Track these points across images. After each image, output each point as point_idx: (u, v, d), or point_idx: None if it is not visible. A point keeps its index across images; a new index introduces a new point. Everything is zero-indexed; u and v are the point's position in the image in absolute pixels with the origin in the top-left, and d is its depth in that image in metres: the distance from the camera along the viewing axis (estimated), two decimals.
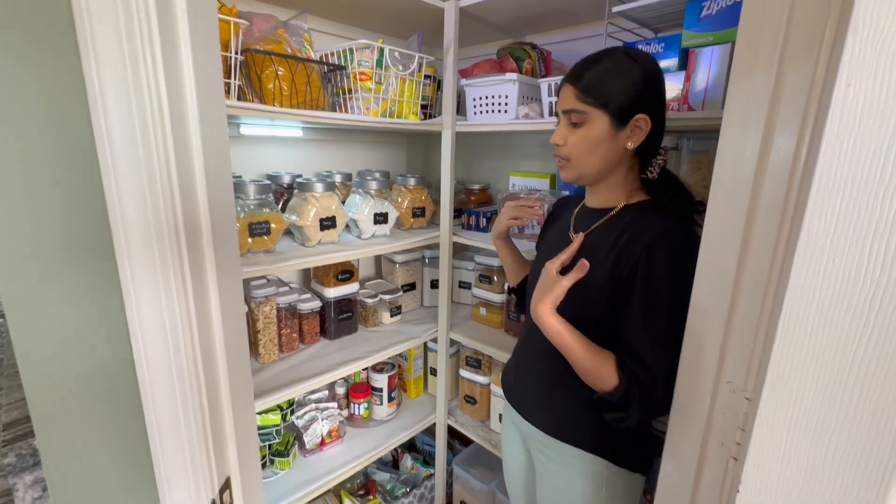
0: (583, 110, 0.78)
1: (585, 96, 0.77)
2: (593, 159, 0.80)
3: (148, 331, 0.53)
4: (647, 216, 0.79)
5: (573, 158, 0.82)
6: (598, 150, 0.79)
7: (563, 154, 0.83)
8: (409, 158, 1.90)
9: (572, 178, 0.85)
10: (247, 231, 1.03)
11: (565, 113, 0.81)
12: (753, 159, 0.49)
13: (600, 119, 0.77)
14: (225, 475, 0.61)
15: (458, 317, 1.62)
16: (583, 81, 0.77)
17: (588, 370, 0.77)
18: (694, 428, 0.58)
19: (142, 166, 0.49)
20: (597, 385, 0.77)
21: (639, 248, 0.74)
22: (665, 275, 0.72)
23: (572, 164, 0.83)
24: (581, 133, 0.79)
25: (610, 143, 0.78)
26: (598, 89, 0.76)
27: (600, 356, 0.76)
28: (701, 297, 0.57)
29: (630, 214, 0.82)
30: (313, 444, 1.38)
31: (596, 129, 0.77)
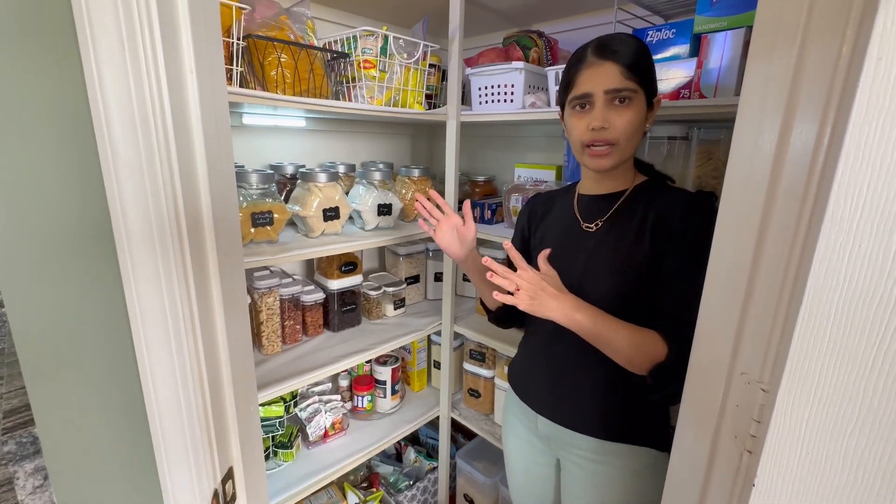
0: (633, 88, 0.74)
1: (632, 74, 0.73)
2: (636, 141, 0.79)
3: (148, 322, 0.52)
4: (664, 193, 0.81)
5: (622, 142, 0.76)
6: (640, 131, 0.78)
7: (609, 138, 0.75)
8: (413, 150, 1.88)
9: (613, 164, 0.78)
10: (249, 221, 1.02)
11: (609, 93, 0.74)
12: (772, 143, 0.47)
13: (641, 100, 0.76)
14: (227, 465, 0.60)
15: (462, 310, 1.61)
16: (626, 58, 0.73)
17: (632, 351, 0.74)
18: (705, 420, 0.57)
19: (141, 152, 0.48)
20: (645, 362, 0.74)
21: (677, 218, 0.76)
22: (700, 239, 0.72)
23: (619, 149, 0.76)
24: (631, 114, 0.74)
25: (642, 126, 0.78)
26: (639, 67, 0.74)
27: (644, 334, 0.75)
28: (714, 285, 0.55)
29: (644, 194, 0.82)
30: (317, 436, 1.37)
31: (640, 109, 0.76)
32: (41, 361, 0.54)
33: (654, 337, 0.74)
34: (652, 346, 0.74)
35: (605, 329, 0.74)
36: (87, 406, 0.57)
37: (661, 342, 0.74)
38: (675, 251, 0.75)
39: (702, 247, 0.72)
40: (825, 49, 0.42)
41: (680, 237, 0.75)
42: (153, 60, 0.45)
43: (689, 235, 0.75)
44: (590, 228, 0.86)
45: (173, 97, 0.46)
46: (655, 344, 0.73)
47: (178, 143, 0.47)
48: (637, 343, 0.74)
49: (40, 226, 0.52)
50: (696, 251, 0.73)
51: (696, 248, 0.74)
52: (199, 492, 0.56)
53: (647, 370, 0.75)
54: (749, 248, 0.50)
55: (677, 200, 0.78)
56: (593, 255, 0.83)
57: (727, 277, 0.53)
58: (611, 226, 0.83)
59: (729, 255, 0.53)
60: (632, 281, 0.79)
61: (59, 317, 0.54)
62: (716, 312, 0.55)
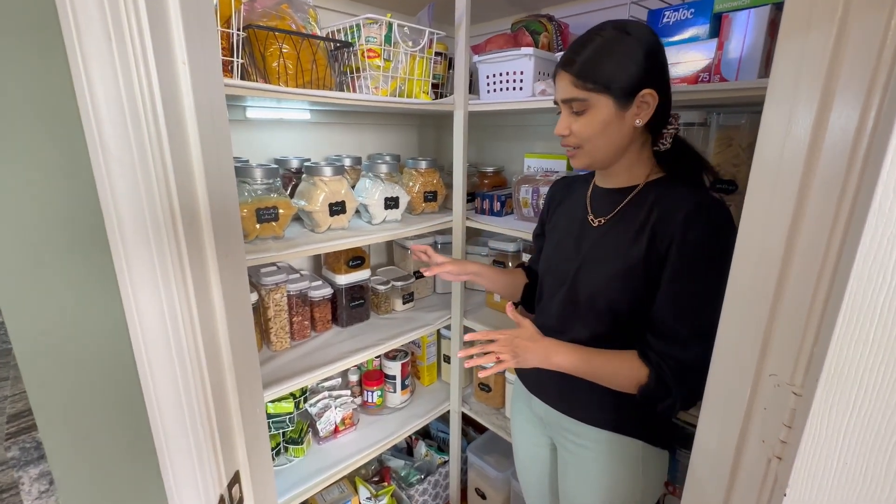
0: (583, 98, 0.73)
1: (584, 82, 0.72)
2: (603, 143, 0.76)
3: (146, 324, 0.50)
4: (675, 191, 0.76)
5: (583, 145, 0.78)
6: (607, 133, 0.75)
7: (572, 143, 0.79)
8: (420, 141, 1.84)
9: (584, 164, 0.81)
10: (254, 217, 1.00)
11: (565, 102, 0.76)
12: (807, 129, 0.43)
13: (603, 103, 0.73)
14: (234, 469, 0.59)
15: (472, 303, 1.59)
16: (576, 67, 0.73)
17: (616, 381, 0.77)
18: (730, 423, 0.54)
19: (133, 148, 0.45)
20: (631, 386, 0.77)
21: (676, 222, 0.72)
22: (703, 246, 0.70)
23: (583, 151, 0.79)
24: (585, 120, 0.75)
25: (618, 124, 0.74)
26: (595, 72, 0.71)
27: (623, 359, 0.77)
28: (740, 282, 0.52)
29: (654, 192, 0.78)
30: (327, 432, 1.37)
31: (600, 113, 0.73)
32: (40, 365, 0.53)
33: (633, 360, 0.76)
34: (632, 370, 0.76)
35: (584, 366, 0.77)
36: (90, 411, 0.56)
37: (640, 366, 0.75)
38: (674, 257, 0.72)
39: (700, 256, 0.71)
40: (869, 23, 0.38)
41: (679, 243, 0.71)
42: (142, 52, 0.43)
43: (689, 243, 0.70)
44: (597, 222, 0.84)
45: (165, 90, 0.44)
46: (634, 367, 0.76)
47: (172, 137, 0.45)
48: (617, 371, 0.77)
49: (31, 227, 0.50)
50: (695, 260, 0.71)
51: (695, 256, 0.71)
52: (206, 497, 0.54)
53: (635, 391, 0.77)
54: (779, 241, 0.46)
55: (681, 202, 0.72)
56: (593, 249, 0.83)
57: (754, 273, 0.50)
58: (615, 222, 0.81)
59: (757, 248, 0.49)
60: (624, 281, 0.77)
61: (55, 320, 0.52)
62: (741, 310, 0.51)
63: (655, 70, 0.72)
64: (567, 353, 0.77)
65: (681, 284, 0.72)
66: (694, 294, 0.71)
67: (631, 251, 0.76)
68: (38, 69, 0.46)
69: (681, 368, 0.71)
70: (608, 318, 0.80)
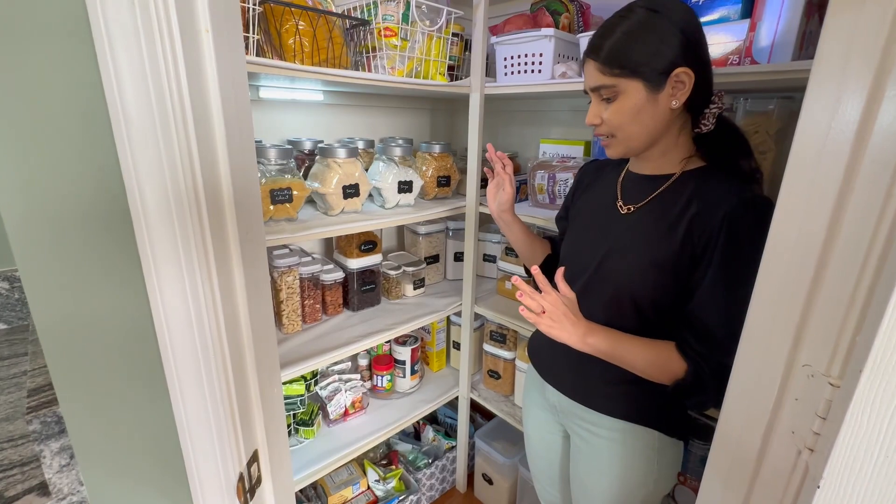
0: (611, 84, 0.70)
1: (611, 68, 0.70)
2: (638, 129, 0.73)
3: (168, 301, 0.50)
4: (717, 183, 0.72)
5: (616, 133, 0.75)
6: (641, 118, 0.71)
7: (604, 132, 0.76)
8: (434, 125, 1.82)
9: (621, 153, 0.78)
10: (269, 198, 0.99)
11: (594, 90, 0.74)
12: (856, 113, 0.41)
13: (634, 88, 0.70)
14: (252, 448, 0.59)
15: (483, 290, 1.58)
16: (602, 53, 0.70)
17: (650, 369, 0.75)
18: (756, 413, 0.53)
19: (156, 119, 0.44)
20: (664, 378, 0.75)
21: (717, 218, 0.68)
22: (747, 246, 0.67)
23: (617, 140, 0.76)
24: (616, 107, 0.72)
25: (652, 109, 0.71)
26: (623, 57, 0.68)
27: (660, 350, 0.74)
28: (773, 271, 0.50)
29: (693, 182, 0.74)
30: (337, 415, 1.38)
31: (631, 99, 0.70)
32: (62, 342, 0.53)
33: (670, 353, 0.74)
34: (669, 362, 0.73)
35: (619, 352, 0.75)
36: (110, 387, 0.56)
37: (678, 360, 0.73)
38: (717, 258, 0.69)
39: (742, 254, 0.67)
40: None
41: (718, 241, 0.68)
42: (165, 18, 0.41)
43: (731, 241, 0.68)
44: (626, 209, 0.81)
45: (188, 58, 0.43)
46: (672, 360, 0.73)
47: (195, 108, 0.44)
48: (653, 361, 0.75)
49: (55, 202, 0.49)
50: (737, 259, 0.68)
51: (740, 259, 0.68)
52: (225, 475, 0.54)
53: (668, 383, 0.75)
54: (820, 228, 0.44)
55: (725, 198, 0.69)
56: (620, 238, 0.80)
57: (791, 260, 0.48)
58: (647, 210, 0.78)
59: (794, 235, 0.47)
60: (651, 273, 0.75)
61: (77, 297, 0.52)
62: (775, 298, 0.50)
63: (690, 47, 0.68)
64: (604, 336, 0.74)
65: (726, 288, 0.69)
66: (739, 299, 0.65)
67: (662, 244, 0.74)
68: (61, 36, 0.45)
69: (722, 371, 0.67)
70: (630, 309, 0.78)
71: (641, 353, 0.75)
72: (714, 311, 0.70)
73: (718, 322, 0.69)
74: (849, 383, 0.40)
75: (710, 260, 0.70)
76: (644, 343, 0.75)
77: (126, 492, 0.61)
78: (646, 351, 0.75)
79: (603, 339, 0.74)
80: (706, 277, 0.70)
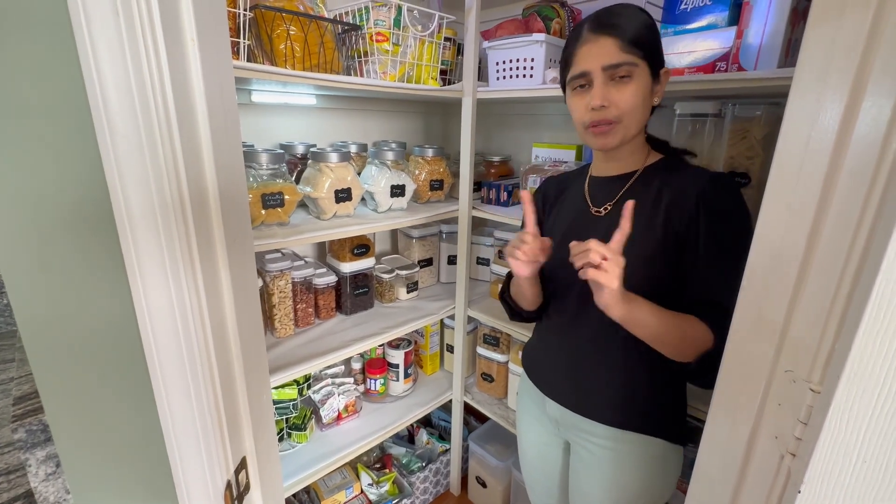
0: (632, 62, 0.70)
1: (632, 47, 0.70)
2: (641, 115, 0.74)
3: (154, 307, 0.50)
4: (680, 171, 0.77)
5: (625, 118, 0.72)
6: (643, 104, 0.73)
7: (611, 116, 0.72)
8: (427, 129, 1.82)
9: (618, 142, 0.75)
10: (260, 203, 0.99)
11: (607, 69, 0.71)
12: (835, 119, 0.42)
13: (644, 72, 0.72)
14: (240, 455, 0.59)
15: (476, 293, 1.58)
16: (627, 32, 0.70)
17: (681, 344, 0.71)
18: (741, 417, 0.53)
19: (140, 126, 0.44)
20: (691, 351, 0.71)
21: (691, 200, 0.71)
22: (730, 217, 0.70)
23: (622, 125, 0.73)
24: (632, 88, 0.71)
25: (649, 99, 0.74)
26: (641, 38, 0.70)
27: (690, 325, 0.71)
28: (756, 275, 0.51)
29: (657, 174, 0.78)
30: (330, 419, 1.38)
31: (643, 82, 0.72)
32: (47, 348, 0.53)
33: (698, 325, 0.71)
34: (699, 335, 0.70)
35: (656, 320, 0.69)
36: (96, 394, 0.56)
37: (705, 330, 0.70)
38: (697, 236, 0.71)
39: (727, 227, 0.70)
40: None
41: (699, 220, 0.71)
42: (150, 28, 0.41)
43: (711, 218, 0.71)
44: (599, 213, 0.82)
45: (173, 68, 0.43)
46: (700, 332, 0.70)
47: (180, 117, 0.44)
48: (685, 336, 0.71)
49: (38, 209, 0.49)
50: (722, 233, 0.70)
51: (721, 229, 0.70)
52: (212, 482, 0.54)
53: (694, 358, 0.72)
54: (801, 235, 0.45)
55: (693, 180, 0.73)
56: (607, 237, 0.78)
57: (772, 267, 0.49)
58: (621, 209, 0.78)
59: (776, 241, 0.48)
60: (644, 267, 0.75)
61: (62, 304, 0.52)
62: (757, 304, 0.51)
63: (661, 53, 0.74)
64: (645, 305, 0.69)
65: (723, 260, 0.69)
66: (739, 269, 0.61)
67: (646, 237, 0.74)
68: (44, 45, 0.45)
69: None
70: None
71: (679, 325, 0.70)
72: (719, 285, 0.70)
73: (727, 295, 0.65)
74: (828, 389, 0.41)
75: (695, 240, 0.71)
76: (679, 316, 0.71)
77: (113, 500, 0.61)
78: (681, 324, 0.70)
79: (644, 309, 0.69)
80: (701, 257, 0.71)
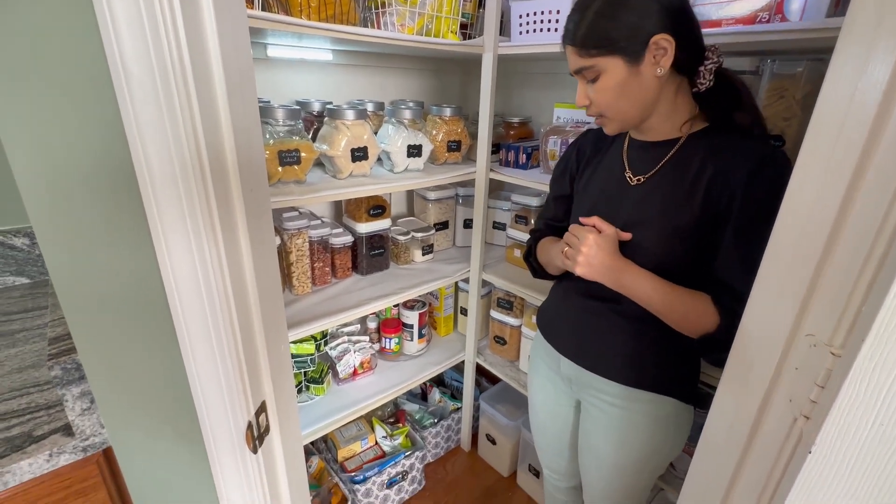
0: (591, 65, 0.70)
1: (587, 50, 0.69)
2: (626, 104, 0.72)
3: (175, 258, 0.51)
4: (729, 143, 0.71)
5: (607, 112, 0.75)
6: (627, 93, 0.71)
7: (595, 112, 0.77)
8: (445, 88, 1.77)
9: (617, 129, 0.78)
10: (276, 160, 0.99)
11: (576, 73, 0.74)
12: (884, 75, 0.39)
13: (612, 64, 0.69)
14: (260, 399, 0.61)
15: (491, 258, 1.58)
16: (576, 37, 0.70)
17: (683, 321, 0.74)
18: (756, 379, 0.53)
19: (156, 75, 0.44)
20: (693, 330, 0.74)
21: (737, 180, 0.68)
22: (767, 205, 0.66)
23: (609, 118, 0.76)
24: (599, 86, 0.72)
25: (636, 81, 0.70)
26: (597, 37, 0.68)
27: (696, 302, 0.73)
28: (784, 239, 0.49)
29: (703, 145, 0.73)
30: (346, 374, 1.42)
31: (613, 76, 0.69)
32: (77, 297, 0.55)
33: (705, 306, 0.72)
34: (704, 315, 0.72)
35: (656, 296, 0.74)
36: (125, 338, 0.59)
37: (712, 313, 0.72)
38: (735, 215, 0.69)
39: (765, 214, 0.66)
40: None
41: (742, 200, 0.68)
42: None
43: (754, 199, 0.67)
44: (637, 180, 0.79)
45: (186, 12, 0.41)
46: (707, 313, 0.72)
47: (194, 62, 0.43)
48: (687, 313, 0.73)
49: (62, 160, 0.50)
50: (761, 217, 0.67)
51: (761, 213, 0.67)
52: (235, 424, 0.57)
53: (696, 336, 0.74)
54: (836, 196, 0.43)
55: (743, 156, 0.68)
56: (636, 210, 0.78)
57: (802, 228, 0.47)
58: (660, 179, 0.76)
59: (808, 202, 0.46)
60: (674, 242, 0.74)
61: (88, 254, 0.54)
62: (783, 268, 0.49)
63: (663, 10, 0.66)
64: (641, 279, 0.74)
65: (748, 245, 0.68)
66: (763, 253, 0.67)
67: (682, 211, 0.72)
68: None
69: None
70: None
71: (682, 301, 0.73)
72: (739, 270, 0.69)
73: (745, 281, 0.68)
74: (850, 353, 0.40)
75: (731, 219, 0.69)
76: (683, 292, 0.73)
77: (144, 435, 0.65)
78: (685, 300, 0.73)
79: (640, 281, 0.74)
80: (730, 237, 0.70)
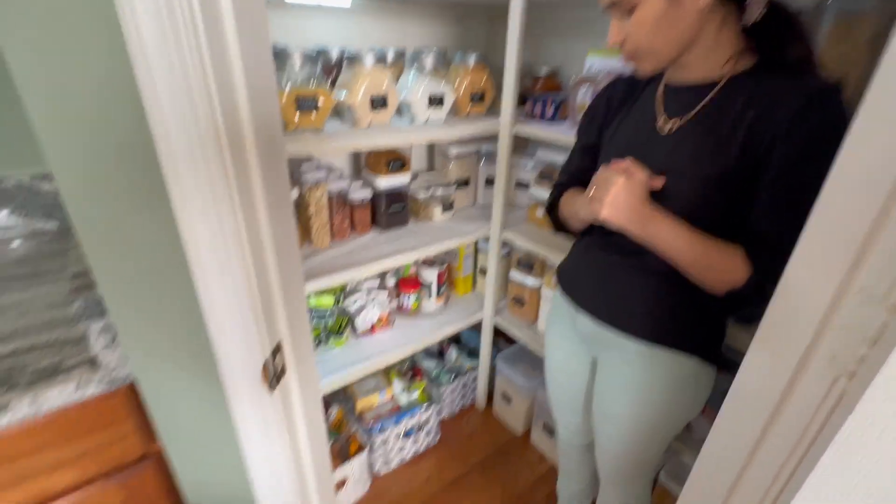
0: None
1: None
2: (663, 39, 0.65)
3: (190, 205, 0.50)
4: (774, 83, 0.64)
5: (641, 48, 0.68)
6: (664, 26, 0.64)
7: (630, 48, 0.69)
8: (468, 35, 1.68)
9: (651, 69, 0.71)
10: (293, 105, 0.96)
11: (610, 7, 0.67)
12: None
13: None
14: (276, 339, 0.62)
15: (513, 218, 1.54)
16: None
17: (709, 275, 0.69)
18: (795, 336, 0.49)
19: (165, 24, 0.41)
20: (719, 285, 0.70)
21: (782, 121, 0.61)
22: (814, 149, 0.60)
23: (644, 55, 0.69)
24: (636, 19, 0.65)
25: (675, 12, 0.62)
26: None
27: (723, 256, 0.68)
28: (843, 185, 0.44)
29: (746, 86, 0.66)
30: (364, 328, 1.44)
31: (650, 7, 0.62)
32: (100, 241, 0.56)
33: (736, 259, 0.67)
34: (731, 269, 0.67)
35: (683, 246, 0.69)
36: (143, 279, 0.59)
37: (742, 267, 0.66)
38: (777, 161, 0.62)
39: (814, 159, 0.59)
40: None
41: (786, 143, 0.61)
42: None
43: (800, 145, 0.61)
44: (669, 126, 0.73)
45: None
46: (735, 268, 0.67)
47: (206, 19, 0.40)
48: (713, 266, 0.68)
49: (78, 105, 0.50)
50: (807, 165, 0.61)
51: (806, 159, 0.61)
52: (251, 359, 0.58)
53: (722, 291, 0.69)
54: None
55: (790, 95, 0.61)
56: (669, 159, 0.72)
57: (864, 175, 0.41)
58: (693, 126, 0.70)
59: (873, 149, 0.40)
60: (710, 192, 0.68)
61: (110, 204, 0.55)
62: (836, 217, 0.44)
63: None
64: (668, 226, 0.69)
65: (789, 195, 0.62)
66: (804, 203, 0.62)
67: (717, 160, 0.67)
68: None
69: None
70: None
71: (707, 253, 0.68)
72: (780, 222, 0.64)
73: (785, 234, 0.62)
74: None
75: (774, 164, 0.63)
76: (711, 244, 0.69)
77: (166, 370, 0.67)
78: (713, 253, 0.68)
79: (667, 228, 0.69)
80: (772, 185, 0.64)
